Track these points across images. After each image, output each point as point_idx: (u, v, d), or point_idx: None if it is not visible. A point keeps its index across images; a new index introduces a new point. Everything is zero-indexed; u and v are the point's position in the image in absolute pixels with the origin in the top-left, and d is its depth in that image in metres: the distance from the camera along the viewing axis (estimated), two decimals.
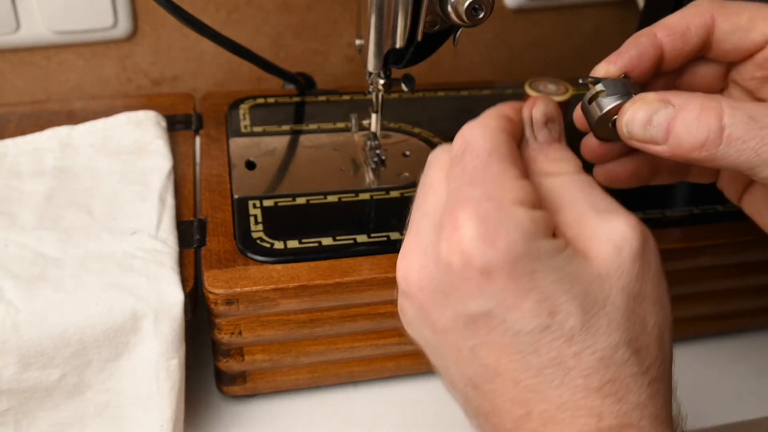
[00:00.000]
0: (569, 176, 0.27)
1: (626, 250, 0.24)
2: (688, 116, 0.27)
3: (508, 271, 0.23)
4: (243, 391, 0.42)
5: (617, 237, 0.25)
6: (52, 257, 0.38)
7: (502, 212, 0.24)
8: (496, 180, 0.25)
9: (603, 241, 0.25)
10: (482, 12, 0.37)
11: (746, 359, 0.49)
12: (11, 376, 0.34)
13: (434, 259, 0.25)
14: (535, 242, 0.24)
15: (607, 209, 0.26)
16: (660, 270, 0.26)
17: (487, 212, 0.24)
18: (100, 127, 0.48)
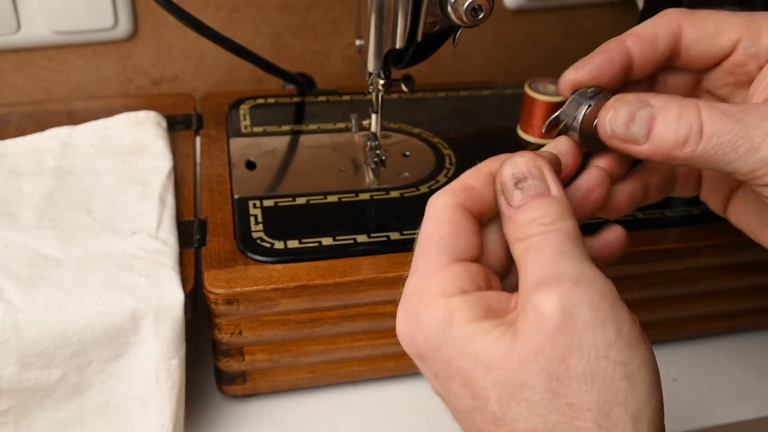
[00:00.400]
0: (534, 239, 0.26)
1: (543, 333, 0.23)
2: (669, 115, 0.27)
3: (433, 359, 0.26)
4: (243, 390, 0.42)
5: (535, 317, 0.24)
6: (53, 257, 0.38)
7: (421, 305, 0.26)
8: (426, 270, 0.26)
9: (527, 322, 0.24)
10: (482, 12, 0.37)
11: (746, 359, 0.49)
12: (11, 376, 0.35)
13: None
14: (450, 332, 0.25)
15: (540, 280, 0.24)
16: (604, 342, 0.23)
17: (411, 307, 0.26)
18: (100, 127, 0.48)
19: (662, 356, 0.50)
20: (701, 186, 0.36)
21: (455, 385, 0.25)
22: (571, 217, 0.26)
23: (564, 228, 0.25)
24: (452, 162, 0.48)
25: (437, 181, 0.46)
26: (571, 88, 0.31)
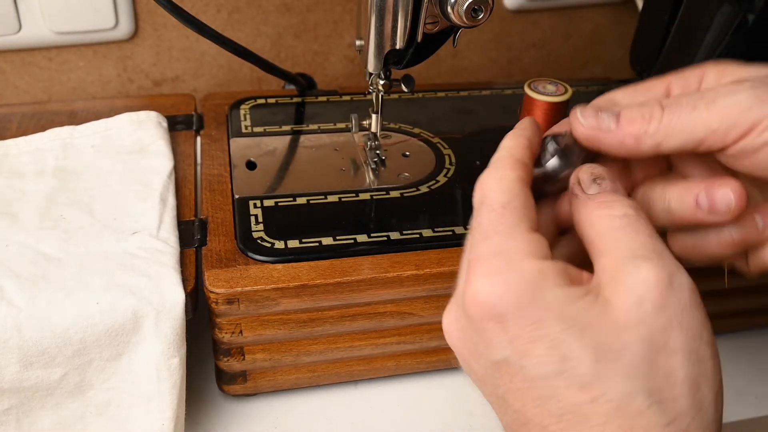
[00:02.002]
0: (617, 219, 0.26)
1: (648, 304, 0.24)
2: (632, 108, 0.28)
3: (518, 320, 0.25)
4: (243, 390, 0.42)
5: (642, 288, 0.25)
6: (54, 257, 0.38)
7: (511, 265, 0.26)
8: (508, 234, 0.26)
9: (627, 291, 0.25)
10: (482, 13, 0.37)
11: (746, 359, 0.49)
12: (13, 376, 0.35)
13: (462, 312, 0.27)
14: (543, 292, 0.25)
15: (643, 256, 0.25)
16: (698, 323, 0.25)
17: (497, 267, 0.26)
18: (101, 128, 0.48)
19: None
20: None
21: (540, 348, 0.25)
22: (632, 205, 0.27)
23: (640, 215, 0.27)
24: (452, 162, 0.48)
25: (437, 181, 0.46)
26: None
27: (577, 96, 0.47)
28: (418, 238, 0.41)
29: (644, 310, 0.24)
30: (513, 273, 0.25)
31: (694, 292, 0.25)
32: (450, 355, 0.44)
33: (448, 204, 0.45)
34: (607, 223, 0.27)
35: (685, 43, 0.49)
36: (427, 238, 0.41)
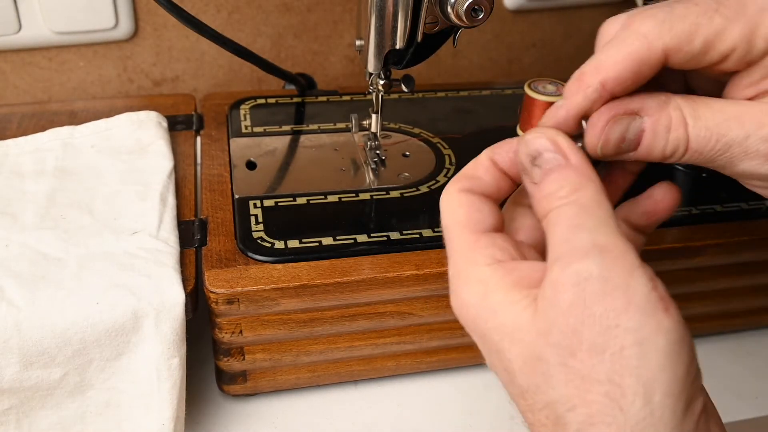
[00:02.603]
0: (551, 214, 0.26)
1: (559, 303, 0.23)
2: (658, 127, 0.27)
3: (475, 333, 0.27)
4: (243, 390, 0.42)
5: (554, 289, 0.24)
6: (54, 257, 0.38)
7: (461, 281, 0.27)
8: (457, 251, 0.28)
9: (545, 293, 0.24)
10: (482, 13, 0.37)
11: (746, 359, 0.49)
12: (13, 375, 0.35)
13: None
14: (485, 302, 0.26)
15: (562, 253, 0.24)
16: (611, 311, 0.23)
17: (454, 288, 0.28)
18: (101, 128, 0.48)
19: None
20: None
21: (492, 358, 0.26)
22: (588, 184, 0.25)
23: (579, 198, 0.25)
24: (452, 162, 0.48)
25: (437, 181, 0.46)
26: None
27: None
28: (418, 238, 0.41)
29: (554, 314, 0.24)
30: (464, 289, 0.27)
31: (606, 279, 0.23)
32: (450, 355, 0.44)
33: None
34: (549, 219, 0.26)
35: None
36: (427, 238, 0.41)
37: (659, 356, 0.22)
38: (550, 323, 0.23)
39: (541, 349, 0.24)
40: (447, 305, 0.41)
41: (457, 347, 0.44)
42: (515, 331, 0.25)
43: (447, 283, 0.39)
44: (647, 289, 0.23)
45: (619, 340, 0.22)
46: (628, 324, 0.22)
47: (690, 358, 0.23)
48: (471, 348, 0.44)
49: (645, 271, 0.23)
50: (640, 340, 0.22)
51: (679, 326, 0.23)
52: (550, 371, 0.23)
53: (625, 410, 0.22)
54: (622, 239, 0.24)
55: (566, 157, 0.26)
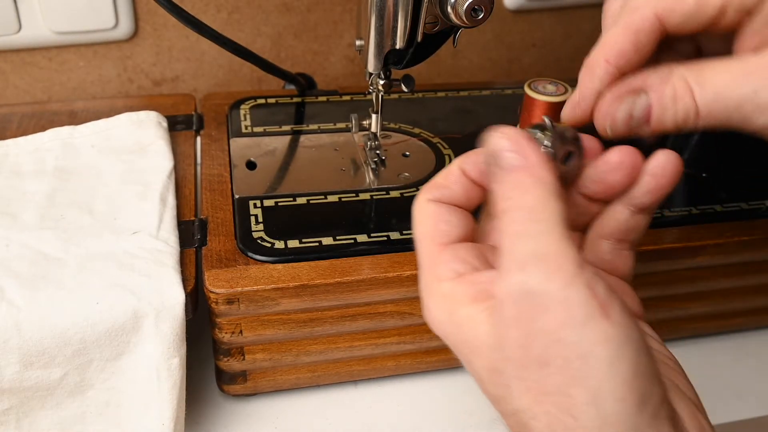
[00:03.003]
0: (505, 215, 0.25)
1: (504, 319, 0.24)
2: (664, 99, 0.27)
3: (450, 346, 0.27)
4: (243, 390, 0.42)
5: (501, 304, 0.24)
6: (54, 257, 0.38)
7: (428, 297, 0.28)
8: (424, 265, 0.28)
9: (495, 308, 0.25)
10: (482, 13, 0.37)
11: (746, 359, 0.49)
12: (13, 375, 0.35)
13: None
14: (451, 318, 0.26)
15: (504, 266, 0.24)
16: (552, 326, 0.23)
17: (424, 303, 0.28)
18: (101, 128, 0.48)
19: None
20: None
21: (467, 367, 0.26)
22: (537, 185, 0.25)
23: (526, 202, 0.25)
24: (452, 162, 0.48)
25: None
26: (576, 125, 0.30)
27: None
28: None
29: (502, 329, 0.24)
30: (431, 304, 0.28)
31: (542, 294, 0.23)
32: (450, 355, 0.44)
33: None
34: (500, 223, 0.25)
35: None
36: None
37: (603, 365, 0.22)
38: (501, 338, 0.24)
39: (498, 362, 0.24)
40: None
41: None
42: (477, 346, 0.25)
43: None
44: (585, 298, 0.23)
45: (563, 353, 0.23)
46: (568, 338, 0.23)
47: (636, 356, 0.23)
48: None
49: (583, 277, 0.23)
50: (582, 352, 0.22)
51: (621, 328, 0.23)
52: (509, 383, 0.24)
53: (577, 418, 0.23)
54: (563, 243, 0.24)
55: (524, 156, 0.26)
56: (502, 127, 0.27)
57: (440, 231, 0.28)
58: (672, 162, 0.28)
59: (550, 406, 0.23)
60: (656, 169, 0.28)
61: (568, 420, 0.23)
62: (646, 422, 0.23)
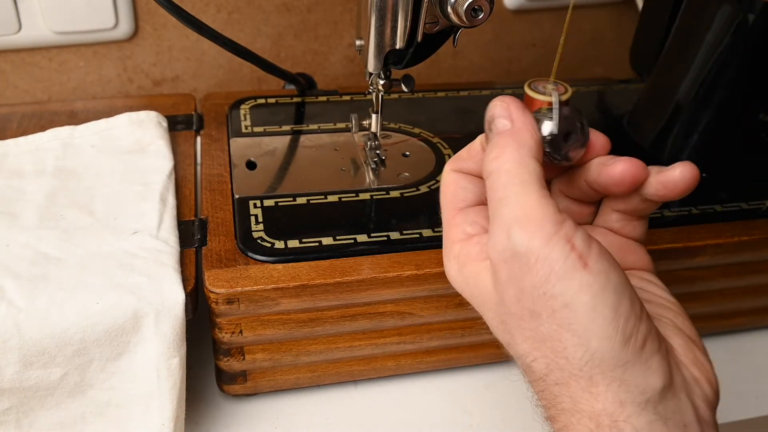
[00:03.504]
0: (489, 177, 0.28)
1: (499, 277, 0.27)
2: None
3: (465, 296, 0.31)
4: (243, 390, 0.42)
5: (493, 264, 0.27)
6: (54, 257, 0.38)
7: (445, 257, 0.32)
8: (444, 228, 0.32)
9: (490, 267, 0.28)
10: (482, 13, 0.37)
11: (746, 359, 0.49)
12: (13, 375, 0.35)
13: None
14: (461, 275, 0.30)
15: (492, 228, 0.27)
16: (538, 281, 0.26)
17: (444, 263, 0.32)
18: (101, 127, 0.48)
19: None
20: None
21: (484, 319, 0.30)
22: (518, 148, 0.27)
23: (505, 163, 0.27)
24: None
25: (437, 181, 0.46)
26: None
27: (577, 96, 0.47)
28: (418, 238, 0.41)
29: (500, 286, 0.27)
30: (447, 264, 0.31)
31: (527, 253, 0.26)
32: (450, 355, 0.44)
33: None
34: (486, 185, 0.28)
35: (685, 43, 0.49)
36: (427, 238, 0.41)
37: (586, 310, 0.25)
38: (500, 295, 0.27)
39: (501, 315, 0.28)
40: (447, 305, 0.41)
41: (457, 347, 0.44)
42: (485, 301, 0.29)
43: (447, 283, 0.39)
44: (565, 254, 0.25)
45: (550, 304, 0.26)
46: (553, 291, 0.25)
47: (617, 298, 0.25)
48: (471, 348, 0.44)
49: (562, 233, 0.26)
50: (567, 302, 0.25)
51: (600, 275, 0.25)
52: (512, 332, 0.28)
53: (570, 358, 0.26)
54: (541, 203, 0.26)
55: (512, 121, 0.28)
56: (502, 96, 0.30)
57: (458, 196, 0.31)
58: (686, 179, 0.29)
59: (546, 350, 0.26)
60: (668, 182, 0.29)
61: (561, 361, 0.26)
62: (632, 355, 0.25)
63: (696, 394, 0.27)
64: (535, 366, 0.27)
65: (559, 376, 0.26)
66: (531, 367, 0.27)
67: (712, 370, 0.28)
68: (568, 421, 0.26)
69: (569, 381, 0.26)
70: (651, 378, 0.25)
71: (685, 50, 0.49)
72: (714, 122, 0.49)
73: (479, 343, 0.44)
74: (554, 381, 0.26)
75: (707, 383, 0.27)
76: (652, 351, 0.26)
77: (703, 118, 0.49)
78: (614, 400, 0.25)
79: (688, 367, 0.27)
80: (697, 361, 0.28)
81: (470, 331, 0.43)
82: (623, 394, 0.25)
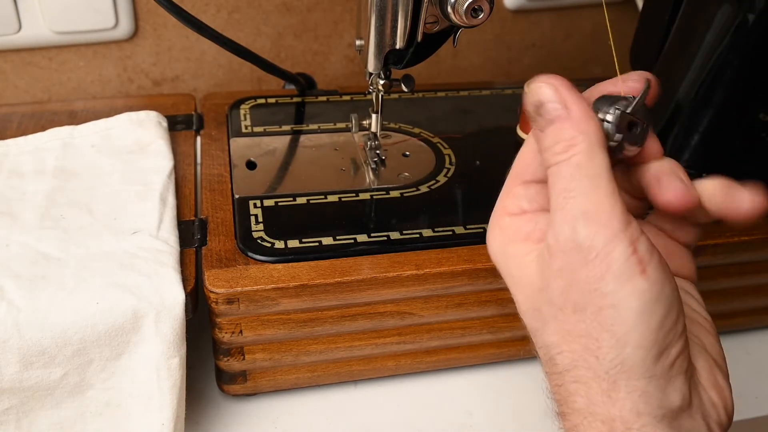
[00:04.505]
0: (550, 171, 0.27)
1: (552, 266, 0.27)
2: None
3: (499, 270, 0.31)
4: (243, 390, 0.42)
5: (549, 253, 0.27)
6: (54, 257, 0.38)
7: (492, 223, 0.31)
8: (502, 193, 0.31)
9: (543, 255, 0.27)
10: (482, 13, 0.37)
11: (746, 359, 0.49)
12: (13, 375, 0.35)
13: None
14: (502, 248, 0.30)
15: (553, 219, 0.26)
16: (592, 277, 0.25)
17: (490, 223, 0.31)
18: (101, 127, 0.48)
19: None
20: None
21: (510, 292, 0.30)
22: (583, 139, 0.26)
23: (572, 157, 0.26)
24: (452, 162, 0.48)
25: (437, 181, 0.46)
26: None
27: None
28: (418, 238, 0.41)
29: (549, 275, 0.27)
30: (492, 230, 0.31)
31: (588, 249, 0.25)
32: (450, 355, 0.44)
33: (448, 204, 0.45)
34: (550, 172, 0.27)
35: (685, 43, 0.49)
36: (427, 238, 0.41)
37: (632, 315, 0.25)
38: (546, 282, 0.27)
39: (539, 302, 0.27)
40: (447, 305, 0.41)
41: (457, 347, 0.44)
42: (521, 282, 0.28)
43: (446, 283, 0.39)
44: (626, 255, 0.25)
45: (598, 302, 0.25)
46: (605, 289, 0.25)
47: (665, 312, 0.25)
48: (471, 348, 0.44)
49: (627, 234, 0.25)
50: (615, 303, 0.25)
51: (656, 284, 0.25)
52: (545, 320, 0.27)
53: (600, 358, 0.25)
54: (609, 200, 0.25)
55: (567, 107, 0.27)
56: (546, 76, 0.28)
57: (530, 168, 0.30)
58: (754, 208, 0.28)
59: (577, 345, 0.26)
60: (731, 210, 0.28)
61: (590, 359, 0.25)
62: (660, 371, 0.25)
63: (711, 417, 0.26)
64: (559, 359, 0.27)
65: (582, 374, 0.26)
66: (554, 359, 0.27)
67: (731, 397, 0.28)
68: (578, 422, 0.26)
69: (590, 381, 0.26)
70: (672, 395, 0.25)
71: (685, 50, 0.48)
72: (714, 122, 0.48)
73: (479, 343, 0.44)
74: (573, 378, 0.26)
75: (723, 409, 0.27)
76: (679, 370, 0.25)
77: (703, 118, 0.49)
78: (632, 409, 0.25)
79: (707, 391, 0.27)
80: (718, 386, 0.27)
81: (470, 331, 0.43)
82: (642, 404, 0.25)
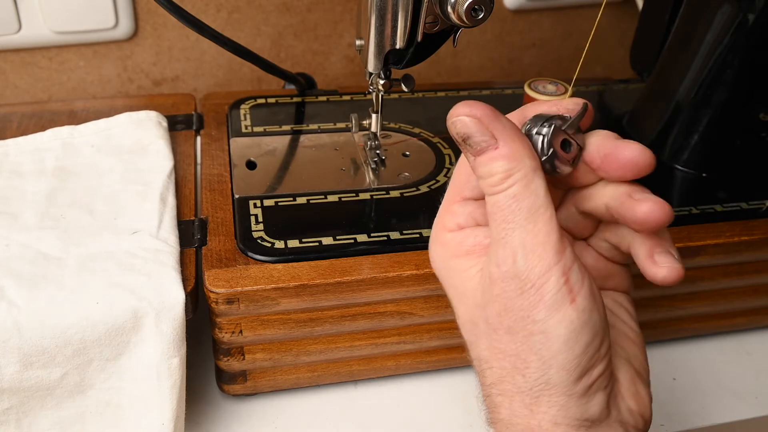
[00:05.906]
0: (490, 199, 0.28)
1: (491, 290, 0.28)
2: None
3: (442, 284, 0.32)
4: (243, 390, 0.42)
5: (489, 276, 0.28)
6: (54, 256, 0.38)
7: (432, 237, 0.33)
8: (441, 208, 0.32)
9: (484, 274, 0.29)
10: (482, 12, 0.37)
11: (746, 359, 0.49)
12: (13, 375, 0.35)
13: None
14: (444, 263, 0.31)
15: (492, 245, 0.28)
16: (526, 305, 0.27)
17: (431, 237, 0.33)
18: (101, 127, 0.48)
19: (662, 355, 0.50)
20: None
21: (452, 307, 0.31)
22: (520, 168, 0.27)
23: (509, 189, 0.27)
24: (452, 162, 0.48)
25: (437, 181, 0.46)
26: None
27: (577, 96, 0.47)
28: (418, 238, 0.41)
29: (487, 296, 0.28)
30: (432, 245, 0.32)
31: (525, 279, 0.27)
32: (450, 355, 0.44)
33: None
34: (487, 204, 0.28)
35: (685, 43, 0.49)
36: (427, 237, 0.41)
37: (559, 342, 0.26)
38: (484, 302, 0.28)
39: (477, 318, 0.29)
40: (447, 305, 0.41)
41: (457, 347, 0.44)
42: (465, 295, 0.30)
43: None
44: (558, 286, 0.26)
45: (529, 327, 0.27)
46: (537, 317, 0.27)
47: (590, 338, 0.27)
48: None
49: (561, 265, 0.26)
50: (545, 329, 0.27)
51: (583, 314, 0.26)
52: (479, 336, 0.29)
53: (527, 377, 0.27)
54: (547, 229, 0.27)
55: (494, 137, 0.27)
56: (467, 105, 0.28)
57: (469, 184, 0.31)
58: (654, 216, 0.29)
59: (506, 363, 0.28)
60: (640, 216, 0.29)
61: (518, 377, 0.27)
62: (581, 390, 0.27)
63: (629, 423, 0.28)
64: (488, 373, 0.29)
65: (507, 388, 0.28)
66: (484, 372, 0.29)
67: (650, 405, 0.29)
68: (502, 431, 0.28)
69: (515, 395, 0.27)
70: (590, 410, 0.27)
71: (685, 50, 0.49)
72: (714, 122, 0.49)
73: None
74: (499, 392, 0.28)
75: (640, 416, 0.29)
76: (599, 388, 0.27)
77: (703, 118, 0.49)
78: (550, 420, 0.27)
79: (626, 400, 0.28)
80: (638, 395, 0.29)
81: None
82: (560, 417, 0.27)
